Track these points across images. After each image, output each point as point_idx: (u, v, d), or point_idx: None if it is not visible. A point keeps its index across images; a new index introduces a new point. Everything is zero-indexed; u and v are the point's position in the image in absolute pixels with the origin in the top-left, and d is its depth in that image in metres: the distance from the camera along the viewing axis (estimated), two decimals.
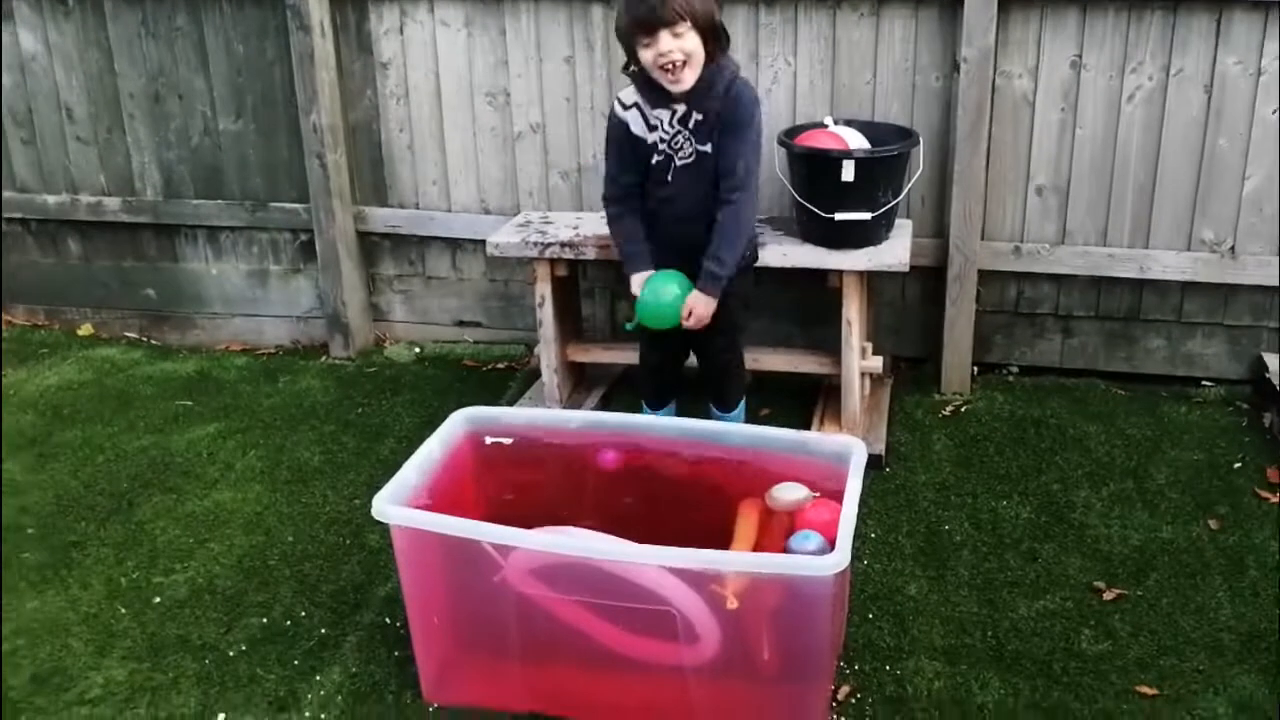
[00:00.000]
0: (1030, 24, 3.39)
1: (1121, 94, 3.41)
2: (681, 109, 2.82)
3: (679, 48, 2.69)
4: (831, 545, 2.25)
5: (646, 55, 2.73)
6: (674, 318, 2.85)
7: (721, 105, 2.80)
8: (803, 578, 2.06)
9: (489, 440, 2.59)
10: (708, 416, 3.15)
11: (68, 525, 3.07)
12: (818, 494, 2.36)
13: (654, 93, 2.82)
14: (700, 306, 2.86)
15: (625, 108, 2.90)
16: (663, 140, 2.86)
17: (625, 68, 2.89)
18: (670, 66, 2.71)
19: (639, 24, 2.69)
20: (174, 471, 3.34)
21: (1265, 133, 3.35)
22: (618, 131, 2.92)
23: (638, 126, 2.88)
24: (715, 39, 2.76)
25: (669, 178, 2.88)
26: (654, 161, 2.89)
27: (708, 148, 2.83)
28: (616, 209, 3.00)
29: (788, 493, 2.38)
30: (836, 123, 3.35)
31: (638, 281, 2.93)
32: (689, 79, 2.74)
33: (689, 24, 2.67)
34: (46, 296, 4.49)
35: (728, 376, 3.15)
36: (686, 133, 2.84)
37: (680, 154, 2.86)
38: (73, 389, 3.92)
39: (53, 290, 4.47)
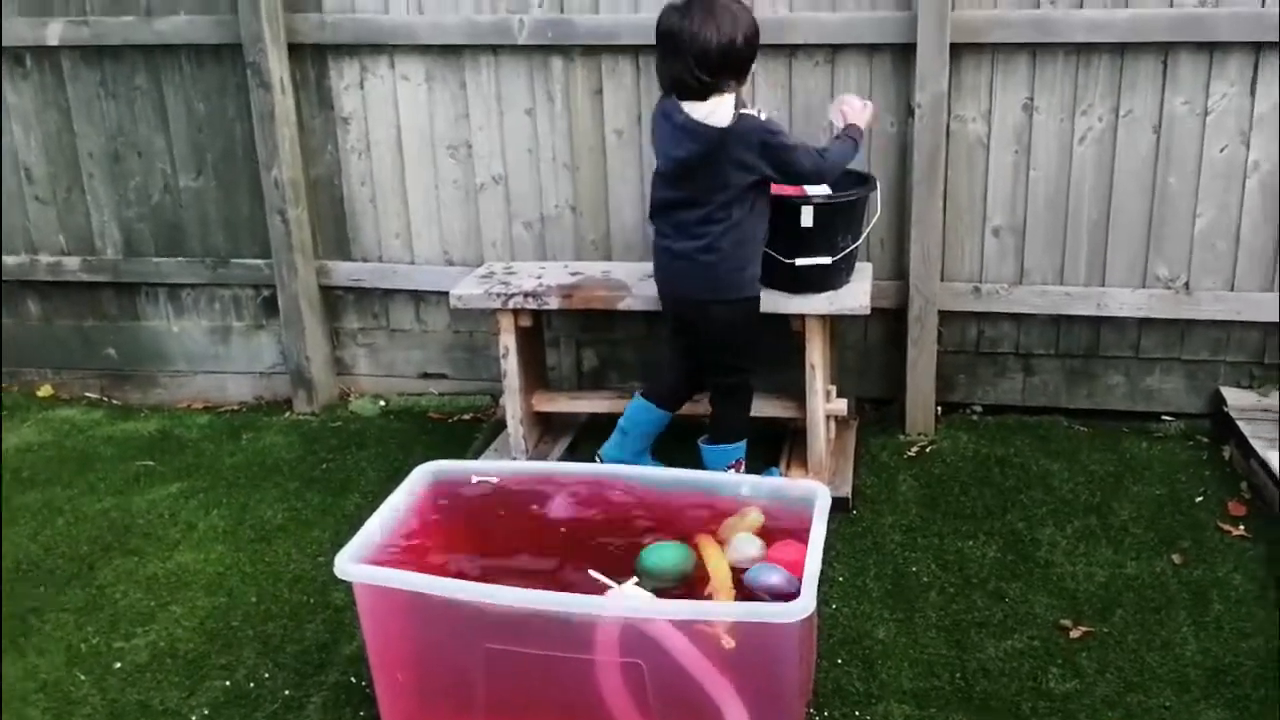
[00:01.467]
0: (982, 69, 3.45)
1: (1073, 135, 3.47)
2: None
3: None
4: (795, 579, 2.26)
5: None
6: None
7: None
8: (769, 624, 2.05)
9: (475, 479, 2.58)
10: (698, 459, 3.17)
11: (26, 591, 3.02)
12: (764, 544, 2.41)
13: None
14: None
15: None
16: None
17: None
18: None
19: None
20: (135, 533, 3.30)
21: (1214, 171, 3.42)
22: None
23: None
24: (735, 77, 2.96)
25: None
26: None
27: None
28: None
29: (745, 548, 2.40)
30: None
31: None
32: None
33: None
34: (5, 358, 4.44)
35: (725, 401, 3.18)
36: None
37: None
38: (32, 451, 3.86)
39: (11, 352, 4.42)
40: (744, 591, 2.33)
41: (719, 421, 3.19)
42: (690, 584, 2.39)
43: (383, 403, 4.12)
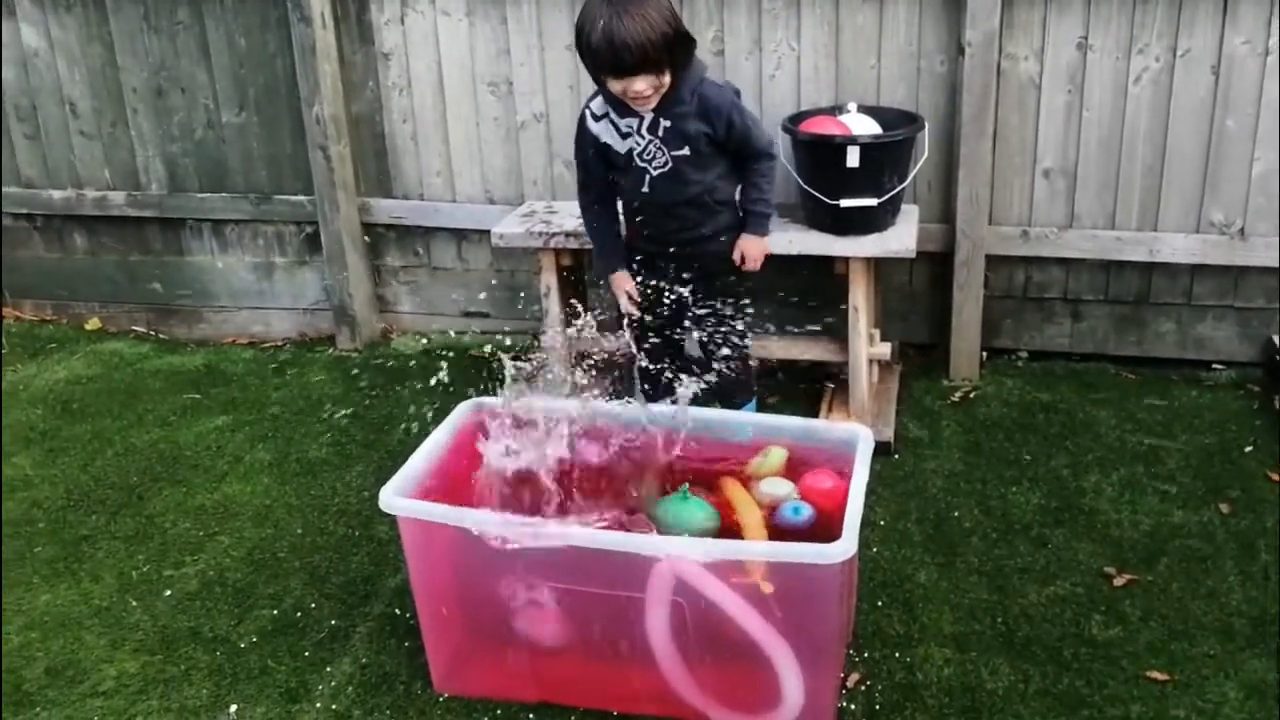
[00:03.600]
0: (1035, 6, 3.36)
1: (1128, 76, 3.38)
2: (650, 117, 2.81)
3: (651, 85, 2.71)
4: (827, 517, 2.25)
5: (615, 87, 2.73)
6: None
7: (698, 109, 2.81)
8: (811, 565, 2.05)
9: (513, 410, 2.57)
10: None
11: (78, 520, 3.08)
12: (794, 486, 2.39)
13: (621, 104, 2.81)
14: (753, 247, 2.99)
15: (596, 119, 2.89)
16: (636, 147, 2.85)
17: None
18: (639, 98, 2.73)
19: (611, 72, 2.69)
20: (183, 465, 3.35)
21: (1273, 114, 3.32)
22: (589, 143, 2.91)
23: (610, 137, 2.87)
24: (685, 62, 2.76)
25: (646, 188, 2.89)
26: (631, 169, 2.88)
27: (684, 151, 2.83)
28: (591, 208, 3.03)
29: (774, 490, 2.39)
30: (854, 110, 3.35)
31: (618, 283, 3.02)
32: (656, 101, 2.77)
33: (654, 73, 2.68)
34: (53, 291, 4.49)
35: (731, 373, 3.13)
36: (658, 141, 2.83)
37: (654, 164, 2.86)
38: (81, 384, 3.92)
39: (59, 285, 4.47)
40: (777, 534, 2.32)
41: (730, 392, 3.10)
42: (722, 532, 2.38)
43: (425, 340, 4.14)
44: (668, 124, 2.82)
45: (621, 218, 3.07)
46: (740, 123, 2.86)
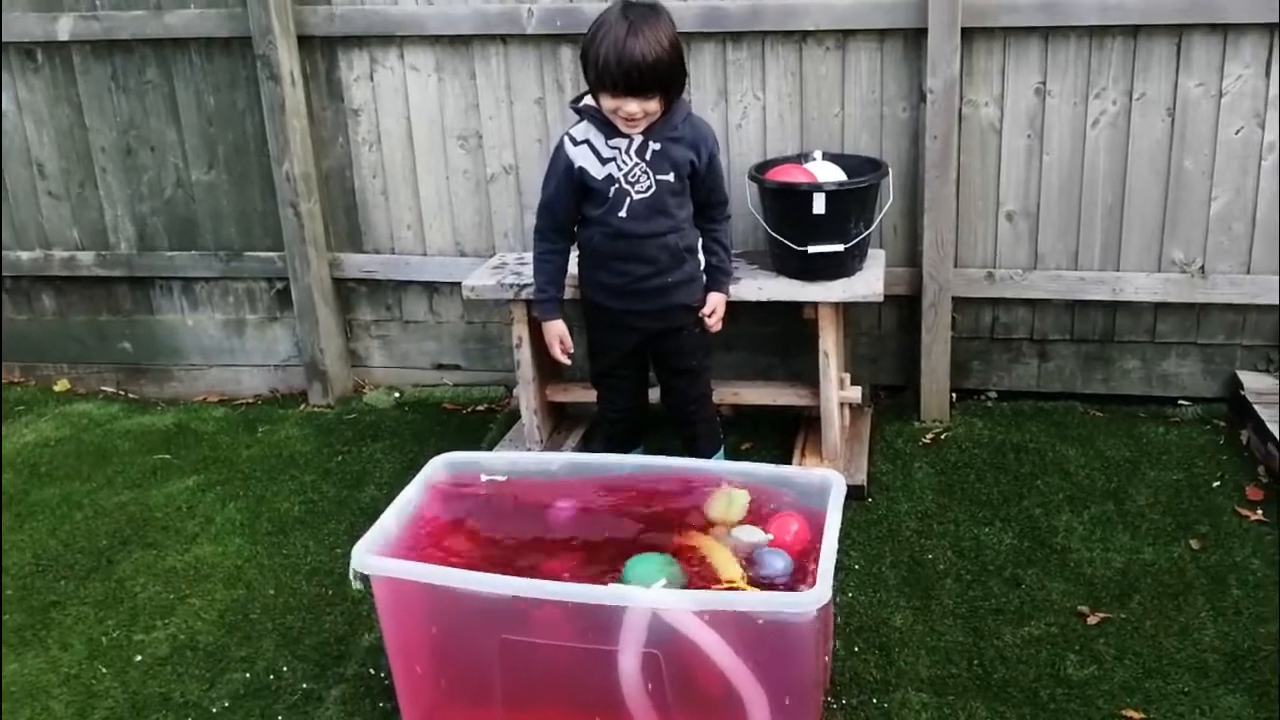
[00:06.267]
0: (994, 54, 3.43)
1: (1086, 119, 3.45)
2: (639, 140, 2.84)
3: (643, 109, 2.75)
4: (798, 561, 2.25)
5: (607, 104, 2.76)
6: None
7: (688, 136, 2.87)
8: (786, 614, 2.05)
9: (484, 478, 2.58)
10: None
11: (46, 585, 3.04)
12: (771, 535, 2.37)
13: (609, 125, 2.84)
14: (721, 304, 3.03)
15: (576, 144, 2.88)
16: (618, 171, 2.85)
17: (574, 102, 2.92)
18: (629, 119, 2.76)
19: (610, 87, 2.71)
20: (153, 526, 3.31)
21: (1229, 153, 3.39)
22: (565, 169, 2.89)
23: (589, 162, 2.86)
24: (680, 91, 2.83)
25: (623, 213, 2.88)
26: (608, 196, 2.87)
27: (669, 177, 2.86)
28: (547, 247, 3.00)
29: (748, 535, 2.39)
30: (820, 157, 3.40)
31: (553, 329, 3.05)
32: (643, 125, 2.81)
33: (657, 95, 2.74)
34: (22, 353, 4.46)
35: (699, 422, 3.15)
36: (644, 164, 2.85)
37: (636, 187, 2.86)
38: (49, 446, 3.89)
39: (28, 347, 4.44)
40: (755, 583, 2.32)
41: (698, 440, 3.18)
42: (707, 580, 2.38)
43: (397, 394, 4.13)
44: (656, 147, 2.84)
45: (581, 272, 3.06)
46: (718, 162, 2.96)
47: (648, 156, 2.85)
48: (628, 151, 2.85)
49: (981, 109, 3.49)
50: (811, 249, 3.23)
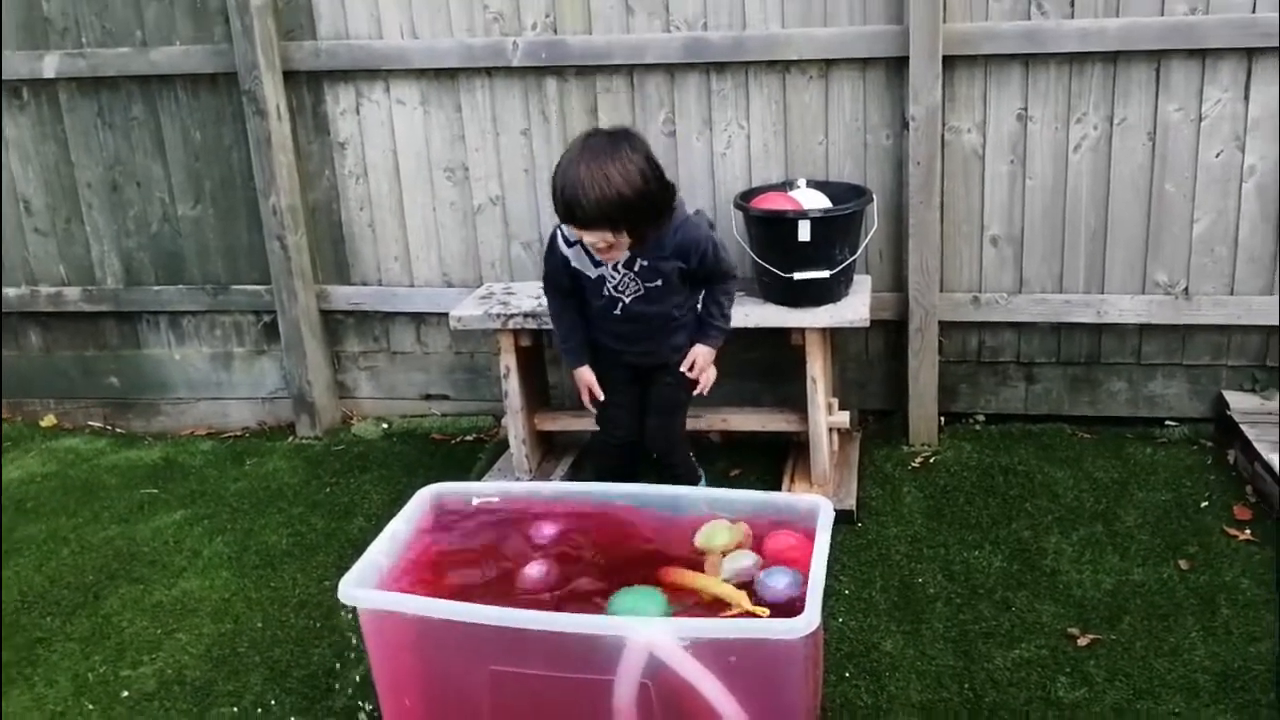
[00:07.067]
0: (975, 81, 3.47)
1: (1068, 144, 3.48)
2: (627, 255, 2.77)
3: (604, 240, 2.64)
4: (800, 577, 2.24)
5: (568, 232, 2.73)
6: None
7: (674, 253, 2.77)
8: (774, 641, 2.04)
9: (475, 501, 2.57)
10: None
11: (32, 622, 3.02)
12: (759, 558, 2.36)
13: None
14: (703, 357, 2.94)
15: (569, 244, 2.83)
16: (609, 281, 2.82)
17: None
18: (594, 249, 2.71)
19: (561, 218, 2.66)
20: (140, 561, 3.29)
21: (1210, 176, 3.42)
22: (561, 262, 2.86)
23: (580, 263, 2.83)
24: (655, 221, 2.69)
25: (618, 312, 2.87)
26: (602, 294, 2.85)
27: (657, 283, 2.81)
28: (559, 302, 2.96)
29: (738, 562, 2.37)
30: (804, 185, 3.41)
31: (582, 376, 2.99)
32: (618, 256, 2.74)
33: (608, 230, 2.61)
34: (8, 389, 4.44)
35: (675, 465, 3.11)
36: (633, 274, 2.80)
37: (627, 293, 2.84)
38: (36, 482, 3.87)
39: (14, 382, 4.43)
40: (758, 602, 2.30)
41: (677, 479, 3.10)
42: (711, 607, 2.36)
43: (385, 425, 4.13)
44: (645, 262, 2.78)
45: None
46: (712, 255, 2.82)
47: (636, 268, 2.79)
48: (616, 264, 2.79)
49: (964, 135, 3.52)
50: (798, 276, 3.24)
